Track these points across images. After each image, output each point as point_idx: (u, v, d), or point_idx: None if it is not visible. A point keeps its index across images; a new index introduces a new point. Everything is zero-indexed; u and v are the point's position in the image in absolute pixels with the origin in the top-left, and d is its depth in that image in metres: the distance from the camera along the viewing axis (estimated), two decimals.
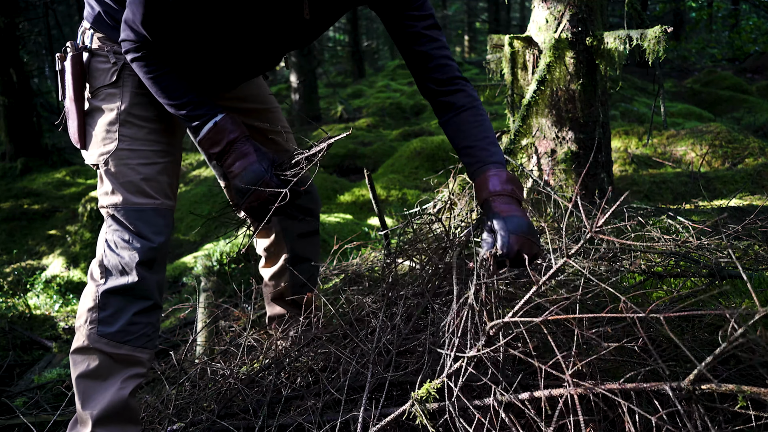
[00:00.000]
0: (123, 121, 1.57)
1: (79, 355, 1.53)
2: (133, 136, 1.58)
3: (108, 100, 1.58)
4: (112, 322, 1.50)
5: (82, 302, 1.55)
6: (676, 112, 7.10)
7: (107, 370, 1.51)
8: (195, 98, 1.52)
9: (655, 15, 12.58)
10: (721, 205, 3.09)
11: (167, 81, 1.50)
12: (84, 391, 1.51)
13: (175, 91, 1.51)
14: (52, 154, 9.29)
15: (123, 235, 1.54)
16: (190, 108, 1.51)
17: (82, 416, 1.50)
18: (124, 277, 1.51)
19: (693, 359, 0.91)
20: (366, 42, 22.12)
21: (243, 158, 1.50)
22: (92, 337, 1.50)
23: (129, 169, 1.56)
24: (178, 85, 1.51)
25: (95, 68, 1.59)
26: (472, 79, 11.38)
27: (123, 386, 1.50)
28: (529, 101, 2.84)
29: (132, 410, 1.52)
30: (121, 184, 1.55)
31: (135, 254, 1.51)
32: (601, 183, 3.05)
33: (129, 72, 1.58)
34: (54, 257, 5.66)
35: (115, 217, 1.55)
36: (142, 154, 1.58)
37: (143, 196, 1.56)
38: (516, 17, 22.50)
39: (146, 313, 1.54)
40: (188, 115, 1.52)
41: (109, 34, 1.59)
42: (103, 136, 1.57)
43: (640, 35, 2.66)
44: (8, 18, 8.58)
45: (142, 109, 1.60)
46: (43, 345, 3.32)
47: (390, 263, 1.89)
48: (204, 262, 3.80)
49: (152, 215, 1.56)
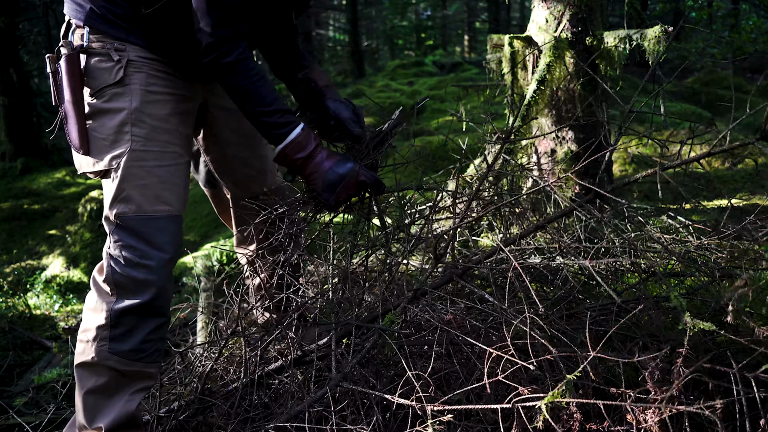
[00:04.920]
0: (135, 121, 1.49)
1: (85, 369, 1.49)
2: (147, 136, 1.50)
3: (115, 100, 1.48)
4: (124, 340, 1.47)
5: (91, 316, 1.50)
6: (676, 112, 7.09)
7: (117, 387, 1.49)
8: (282, 104, 1.51)
9: (655, 15, 12.57)
10: (720, 204, 3.09)
11: (264, 84, 1.48)
12: (92, 406, 1.48)
13: (269, 95, 1.49)
14: (52, 154, 9.28)
15: (133, 247, 1.46)
16: (279, 114, 1.50)
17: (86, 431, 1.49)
18: (138, 295, 1.46)
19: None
20: (366, 42, 22.11)
21: (330, 158, 1.54)
22: (103, 354, 1.47)
23: (144, 171, 1.49)
24: (271, 88, 1.49)
25: (95, 68, 1.49)
26: (472, 79, 11.38)
27: (130, 399, 1.49)
28: (529, 101, 2.84)
29: (136, 419, 1.51)
30: (135, 188, 1.47)
31: (149, 271, 1.46)
32: (601, 183, 3.04)
33: (134, 69, 1.50)
34: (54, 257, 5.66)
35: (124, 226, 1.47)
36: (156, 156, 1.51)
37: (159, 203, 1.49)
38: (516, 17, 22.48)
39: (159, 329, 1.52)
40: (277, 121, 1.50)
41: (108, 30, 1.50)
42: (114, 138, 1.48)
43: (640, 35, 2.66)
44: (8, 18, 8.57)
45: (154, 108, 1.52)
46: (43, 345, 3.32)
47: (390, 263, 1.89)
48: (204, 262, 3.80)
49: (166, 223, 1.50)
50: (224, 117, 1.79)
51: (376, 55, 23.78)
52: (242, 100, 1.50)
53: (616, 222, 1.81)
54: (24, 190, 7.72)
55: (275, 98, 1.50)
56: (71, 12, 1.53)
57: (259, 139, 1.90)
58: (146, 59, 1.53)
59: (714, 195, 3.86)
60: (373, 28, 24.07)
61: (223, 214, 2.03)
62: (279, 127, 1.50)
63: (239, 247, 2.01)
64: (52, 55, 1.51)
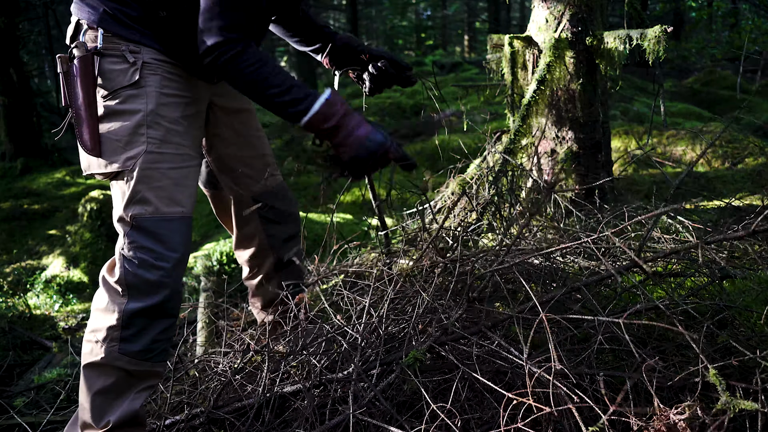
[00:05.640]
0: (151, 123, 1.49)
1: (93, 370, 1.50)
2: (162, 138, 1.51)
3: (130, 101, 1.49)
4: (135, 340, 1.48)
5: (101, 317, 1.50)
6: (676, 112, 7.10)
7: (124, 386, 1.50)
8: (295, 80, 1.50)
9: (656, 15, 12.57)
10: (720, 204, 3.09)
11: (268, 67, 1.46)
12: (99, 406, 1.49)
13: (276, 76, 1.47)
14: (52, 154, 9.28)
15: (149, 249, 1.47)
16: (295, 90, 1.47)
17: (92, 429, 1.49)
18: (150, 296, 1.47)
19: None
20: (366, 42, 22.10)
21: (361, 126, 1.49)
22: (112, 355, 1.47)
23: (159, 173, 1.49)
24: (278, 69, 1.49)
25: (109, 69, 1.49)
26: (472, 79, 11.38)
27: (136, 397, 1.50)
28: (529, 101, 2.84)
29: (139, 417, 1.52)
30: (151, 189, 1.48)
31: (164, 273, 1.47)
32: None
33: (150, 71, 1.51)
34: (54, 257, 5.66)
35: (141, 228, 1.47)
36: (171, 158, 1.52)
37: (173, 204, 1.50)
38: (516, 17, 22.48)
39: (168, 329, 1.53)
40: (294, 98, 1.47)
41: (123, 32, 1.50)
42: (128, 139, 1.48)
43: (640, 35, 2.66)
44: (8, 18, 8.57)
45: (169, 110, 1.53)
46: (43, 345, 3.32)
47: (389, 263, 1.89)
48: (204, 262, 3.80)
49: (180, 225, 1.51)
50: (225, 117, 1.79)
51: None
52: (252, 90, 1.48)
53: (615, 222, 1.81)
54: (24, 190, 7.72)
55: (285, 77, 1.48)
56: (82, 14, 1.53)
57: (261, 139, 1.90)
58: (160, 61, 1.54)
59: (714, 195, 3.86)
60: (373, 28, 24.07)
61: (222, 216, 2.03)
62: (297, 104, 1.48)
63: (239, 248, 2.01)
64: (63, 55, 1.50)
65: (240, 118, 1.83)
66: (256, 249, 1.96)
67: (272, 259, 1.96)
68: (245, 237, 1.97)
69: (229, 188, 1.90)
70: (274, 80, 1.46)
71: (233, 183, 1.88)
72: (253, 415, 1.54)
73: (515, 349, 1.40)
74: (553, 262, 1.87)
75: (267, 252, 1.96)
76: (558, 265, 1.86)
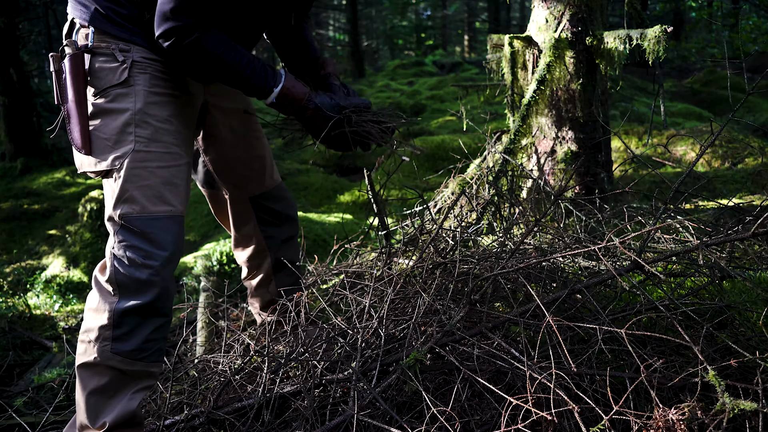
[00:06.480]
0: (139, 122, 1.49)
1: (87, 370, 1.50)
2: (150, 137, 1.50)
3: (119, 100, 1.49)
4: (127, 339, 1.47)
5: (93, 317, 1.50)
6: (676, 112, 7.10)
7: (118, 386, 1.49)
8: (257, 60, 1.53)
9: (656, 15, 12.57)
10: (720, 204, 3.09)
11: (233, 51, 1.49)
12: (94, 406, 1.49)
13: (242, 58, 1.50)
14: (52, 154, 9.28)
15: (137, 248, 1.47)
16: (260, 69, 1.52)
17: (89, 430, 1.49)
18: (140, 295, 1.47)
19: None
20: (366, 42, 22.11)
21: (321, 95, 1.59)
22: (105, 354, 1.47)
23: (147, 172, 1.49)
24: (241, 52, 1.51)
25: (99, 68, 1.49)
26: (472, 78, 11.38)
27: (132, 398, 1.50)
28: (529, 101, 2.84)
29: (136, 417, 1.52)
30: (138, 188, 1.48)
31: (152, 271, 1.47)
32: (601, 183, 3.04)
33: (139, 70, 1.51)
34: (54, 257, 5.66)
35: (129, 227, 1.47)
36: (159, 156, 1.52)
37: (161, 203, 1.50)
38: (516, 17, 22.49)
39: (161, 329, 1.52)
40: (260, 76, 1.52)
41: (113, 31, 1.51)
42: (117, 138, 1.48)
43: (640, 35, 2.66)
44: (8, 18, 8.57)
45: (158, 109, 1.53)
46: (43, 345, 3.32)
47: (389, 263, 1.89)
48: (204, 262, 3.80)
49: (168, 223, 1.51)
50: (223, 117, 1.79)
51: (376, 55, 23.79)
52: (219, 71, 1.51)
53: (615, 222, 1.81)
54: (24, 190, 7.71)
55: (250, 57, 1.52)
56: (75, 12, 1.53)
57: (260, 140, 1.90)
58: (150, 60, 1.54)
59: (714, 195, 3.86)
60: (373, 28, 24.08)
61: (220, 216, 2.03)
62: (265, 81, 1.53)
63: (237, 248, 2.01)
64: (55, 54, 1.51)
65: (238, 119, 1.83)
66: (255, 250, 1.96)
67: (271, 260, 1.96)
68: (243, 237, 1.96)
69: (225, 188, 1.90)
70: (240, 62, 1.50)
71: (230, 183, 1.88)
72: (253, 415, 1.54)
73: (515, 349, 1.40)
74: (553, 262, 1.86)
75: (265, 253, 1.96)
76: (558, 265, 1.86)
